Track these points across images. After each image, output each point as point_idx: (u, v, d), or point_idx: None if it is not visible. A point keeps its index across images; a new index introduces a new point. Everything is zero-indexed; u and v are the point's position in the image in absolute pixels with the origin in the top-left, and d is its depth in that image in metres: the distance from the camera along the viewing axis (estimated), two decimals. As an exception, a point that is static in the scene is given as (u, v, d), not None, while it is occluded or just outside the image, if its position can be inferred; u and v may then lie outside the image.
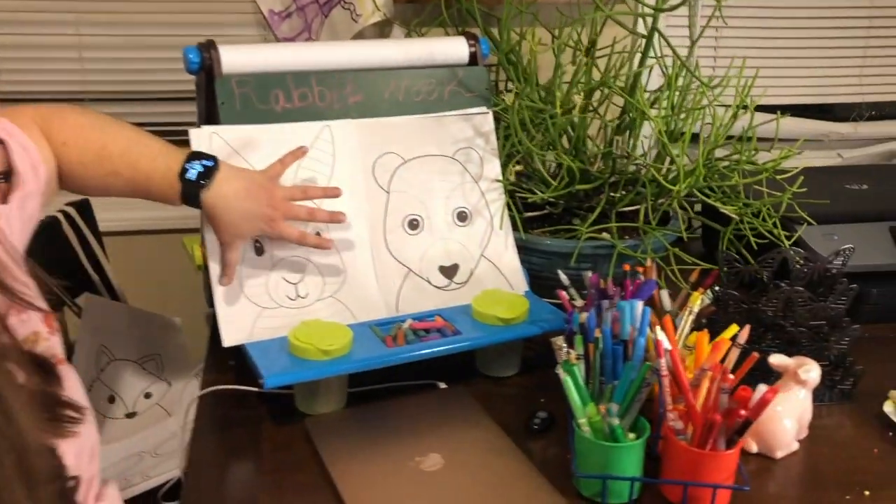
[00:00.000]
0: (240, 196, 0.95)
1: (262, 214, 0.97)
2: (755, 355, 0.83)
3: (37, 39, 1.48)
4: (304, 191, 1.02)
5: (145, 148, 0.93)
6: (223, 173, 0.94)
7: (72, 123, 0.91)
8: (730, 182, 1.16)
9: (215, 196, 0.94)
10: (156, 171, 0.92)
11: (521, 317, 1.04)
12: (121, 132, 0.93)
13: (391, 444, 0.90)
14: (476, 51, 1.18)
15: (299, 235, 1.00)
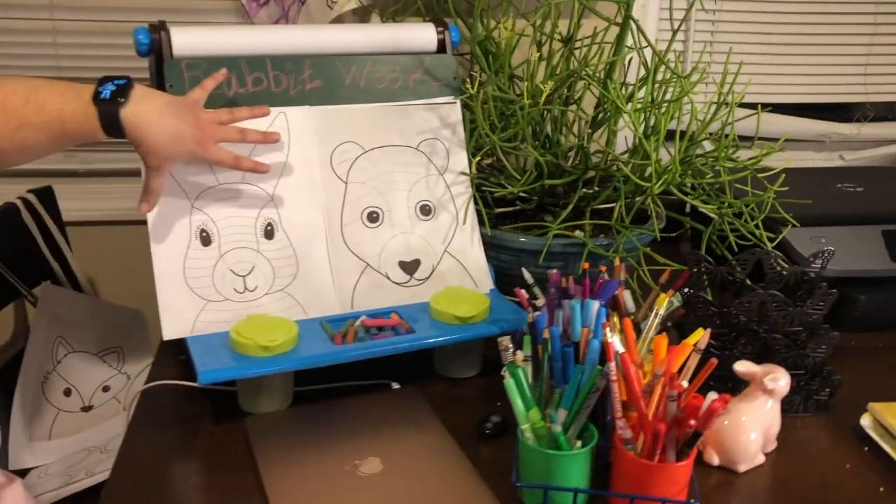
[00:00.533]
0: (164, 111, 0.89)
1: (191, 135, 0.92)
2: (713, 361, 0.77)
3: (11, 24, 1.45)
4: (231, 112, 0.98)
5: (49, 89, 0.87)
6: (140, 91, 0.89)
7: None
8: (707, 180, 1.10)
9: (135, 114, 0.87)
10: (67, 104, 0.86)
11: (480, 316, 0.99)
12: (18, 82, 0.87)
13: (330, 447, 0.86)
14: (445, 38, 1.13)
15: (233, 158, 0.96)
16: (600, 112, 1.16)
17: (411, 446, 0.86)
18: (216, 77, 0.97)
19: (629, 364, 0.77)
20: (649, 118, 1.14)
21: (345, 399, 0.95)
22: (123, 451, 0.87)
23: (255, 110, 0.99)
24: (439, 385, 1.01)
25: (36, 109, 0.85)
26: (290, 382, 0.95)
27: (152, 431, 0.91)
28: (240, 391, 0.94)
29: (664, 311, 0.94)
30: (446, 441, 0.87)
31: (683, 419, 0.71)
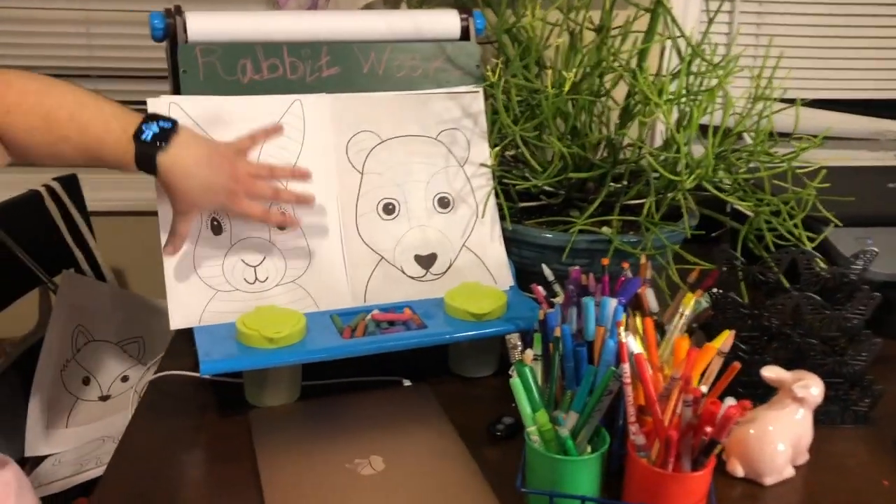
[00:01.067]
0: (200, 163, 0.89)
1: (224, 187, 0.91)
2: (735, 365, 0.72)
3: (45, 13, 1.47)
4: (272, 170, 0.96)
5: (97, 111, 0.87)
6: (182, 137, 0.88)
7: (17, 89, 0.86)
8: (742, 175, 1.04)
9: (173, 161, 0.87)
10: (109, 133, 0.86)
11: (496, 313, 0.95)
12: (70, 95, 0.87)
13: (333, 443, 0.83)
14: (469, 25, 1.09)
15: (262, 212, 0.94)
16: (630, 102, 1.10)
17: (416, 446, 0.83)
18: (269, 131, 0.97)
19: (644, 366, 0.72)
20: (682, 110, 1.08)
21: (354, 395, 0.92)
22: (125, 440, 0.86)
23: (297, 172, 0.98)
24: (453, 384, 0.98)
25: (79, 129, 0.85)
26: (298, 376, 0.92)
27: (156, 421, 0.89)
28: (246, 383, 0.92)
29: (690, 311, 0.89)
30: (454, 442, 0.84)
31: (699, 426, 0.66)
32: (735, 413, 0.64)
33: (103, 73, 1.51)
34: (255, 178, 0.93)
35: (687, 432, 0.67)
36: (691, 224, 1.11)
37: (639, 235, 1.08)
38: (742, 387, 0.87)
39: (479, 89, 1.09)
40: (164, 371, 0.97)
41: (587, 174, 1.08)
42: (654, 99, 1.00)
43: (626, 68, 1.06)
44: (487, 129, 1.08)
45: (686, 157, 1.01)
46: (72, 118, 0.86)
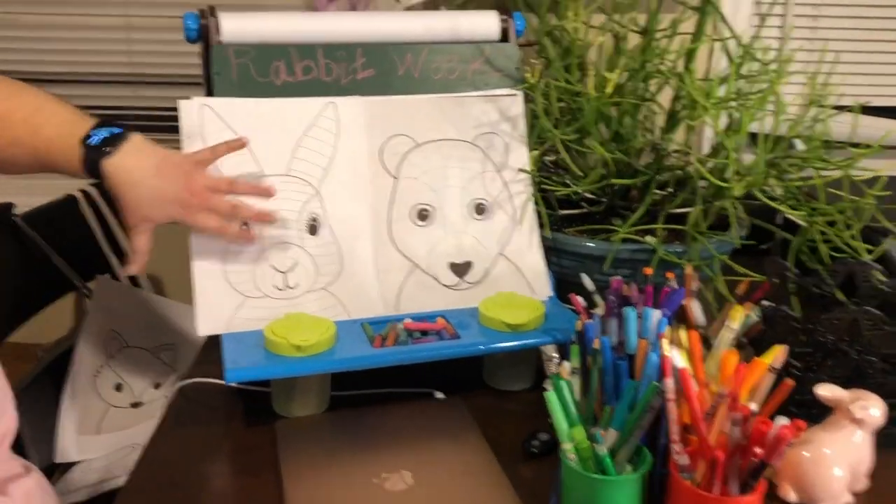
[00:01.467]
0: (147, 172, 0.85)
1: (177, 198, 0.87)
2: (788, 383, 0.67)
3: (87, 20, 1.48)
4: (231, 183, 0.91)
5: (52, 115, 0.85)
6: (132, 144, 0.85)
7: None
8: (795, 182, 0.99)
9: (117, 166, 0.84)
10: (59, 137, 0.84)
11: (533, 324, 0.91)
12: (31, 98, 0.86)
13: (360, 456, 0.79)
14: (508, 26, 1.06)
15: (218, 227, 0.89)
16: (677, 106, 1.06)
17: (447, 461, 0.79)
18: (232, 145, 0.92)
19: (689, 381, 0.67)
20: (732, 114, 1.03)
21: (384, 406, 0.89)
22: (149, 448, 0.84)
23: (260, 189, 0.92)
24: (487, 397, 0.94)
25: (31, 131, 0.84)
26: (327, 386, 0.90)
27: (182, 430, 0.87)
28: (273, 393, 0.89)
29: (739, 325, 0.84)
30: (486, 458, 0.80)
31: (747, 447, 0.62)
32: (788, 434, 0.59)
33: (143, 79, 1.52)
34: (212, 192, 0.89)
35: (735, 453, 0.62)
36: (740, 234, 1.06)
37: (684, 245, 1.03)
38: (794, 406, 0.82)
39: (519, 92, 1.05)
40: (193, 378, 0.95)
41: (631, 181, 1.03)
42: (702, 102, 0.96)
43: (672, 71, 1.01)
44: (526, 134, 1.05)
45: (735, 164, 0.96)
46: (26, 121, 0.84)
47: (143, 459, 0.82)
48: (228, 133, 0.94)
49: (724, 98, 0.99)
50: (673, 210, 1.09)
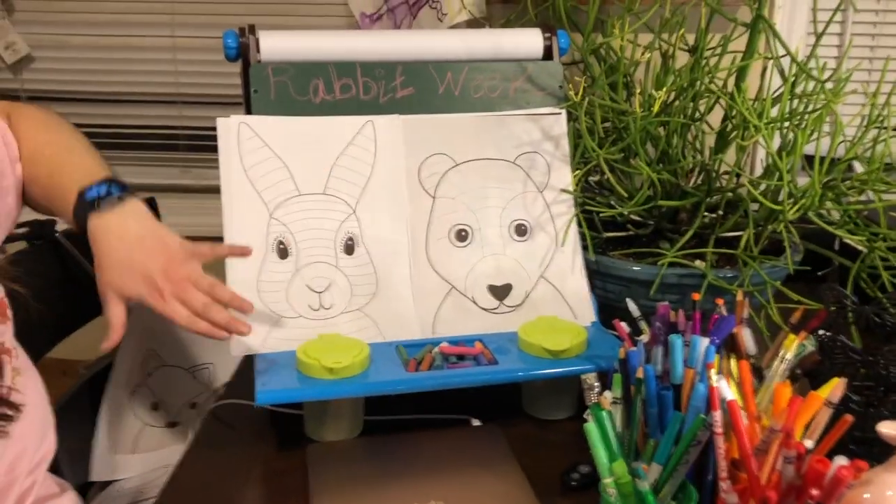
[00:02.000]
0: (127, 239, 0.80)
1: (148, 276, 0.79)
2: (847, 418, 0.63)
3: (135, 41, 1.50)
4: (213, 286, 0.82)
5: (77, 159, 0.84)
6: (126, 209, 0.81)
7: (27, 120, 0.85)
8: (854, 206, 0.94)
9: (100, 226, 0.80)
10: (70, 182, 0.81)
11: (574, 350, 0.88)
12: (65, 137, 0.85)
13: (391, 484, 0.77)
14: (552, 44, 1.03)
15: (187, 320, 0.81)
16: (727, 126, 1.02)
17: (481, 492, 0.76)
18: (234, 250, 0.89)
19: (738, 414, 0.63)
20: (786, 135, 0.99)
21: (418, 433, 0.86)
22: (179, 470, 0.82)
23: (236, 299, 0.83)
24: (526, 426, 0.91)
25: (49, 172, 0.83)
26: (360, 410, 0.87)
27: (212, 452, 0.86)
28: (306, 416, 0.87)
29: (793, 355, 0.79)
30: (522, 489, 0.76)
31: (803, 487, 0.57)
32: (847, 475, 0.54)
33: (189, 99, 1.53)
34: (189, 285, 0.81)
35: (789, 494, 0.58)
36: (795, 259, 1.01)
37: (735, 270, 0.99)
38: (854, 443, 0.77)
39: (562, 111, 1.02)
40: (226, 399, 0.93)
41: (679, 202, 1.00)
42: (753, 121, 0.92)
43: (722, 90, 0.97)
44: (570, 153, 1.02)
45: (789, 185, 0.92)
46: (51, 159, 0.83)
47: (172, 480, 0.80)
48: (265, 151, 0.93)
49: (776, 118, 0.95)
50: (723, 234, 1.04)
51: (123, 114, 1.55)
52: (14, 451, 0.69)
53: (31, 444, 0.72)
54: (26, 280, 0.88)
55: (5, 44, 1.50)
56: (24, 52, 1.51)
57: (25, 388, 0.71)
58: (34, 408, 0.73)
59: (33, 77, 1.55)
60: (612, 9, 1.18)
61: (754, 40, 0.96)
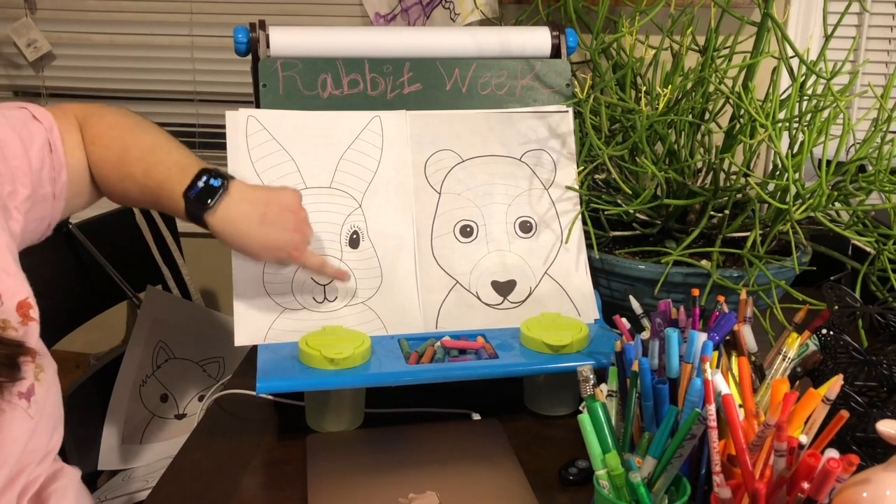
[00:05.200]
0: (252, 222, 0.84)
1: (288, 242, 0.86)
2: (843, 414, 0.62)
3: (154, 40, 1.52)
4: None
5: (165, 155, 0.85)
6: (234, 195, 0.84)
7: (108, 122, 0.87)
8: (861, 207, 0.93)
9: (221, 220, 0.83)
10: (168, 181, 0.84)
11: (575, 346, 0.88)
12: (148, 136, 0.87)
13: (389, 475, 0.77)
14: (560, 42, 1.04)
15: (320, 263, 0.90)
16: (735, 126, 1.01)
17: (477, 485, 0.76)
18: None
19: (733, 408, 0.63)
20: (794, 135, 0.98)
21: (419, 425, 0.87)
22: (179, 458, 0.83)
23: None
24: (526, 421, 0.91)
25: (144, 171, 0.84)
26: (361, 402, 0.88)
27: (214, 441, 0.86)
28: (307, 407, 0.88)
29: (795, 354, 0.79)
30: (519, 483, 0.76)
31: (794, 481, 0.57)
32: (835, 468, 0.54)
33: (206, 97, 1.55)
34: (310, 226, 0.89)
35: (779, 487, 0.57)
36: (802, 260, 1.00)
37: (742, 270, 0.98)
38: (857, 444, 0.76)
39: (569, 109, 1.02)
40: (231, 389, 0.94)
41: (685, 202, 0.99)
42: (761, 120, 0.91)
43: (729, 90, 0.97)
44: (576, 152, 1.02)
45: (797, 185, 0.91)
46: (142, 159, 0.85)
47: (171, 468, 0.81)
48: (273, 144, 0.94)
49: (785, 118, 0.94)
50: (731, 234, 1.04)
51: (141, 111, 1.55)
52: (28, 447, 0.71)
53: (43, 439, 0.73)
54: (39, 271, 0.90)
55: (27, 41, 1.53)
56: (45, 49, 1.54)
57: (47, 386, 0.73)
58: (52, 405, 0.74)
59: (54, 74, 1.58)
60: (623, 9, 1.18)
61: (762, 40, 0.96)
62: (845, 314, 0.82)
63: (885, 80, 1.43)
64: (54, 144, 0.82)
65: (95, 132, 0.85)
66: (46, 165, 0.80)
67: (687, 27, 1.05)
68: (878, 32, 1.43)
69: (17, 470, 0.70)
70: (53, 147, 0.82)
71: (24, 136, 0.78)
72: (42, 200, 0.80)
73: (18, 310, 0.71)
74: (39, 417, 0.72)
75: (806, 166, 0.95)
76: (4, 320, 0.70)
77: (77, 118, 0.86)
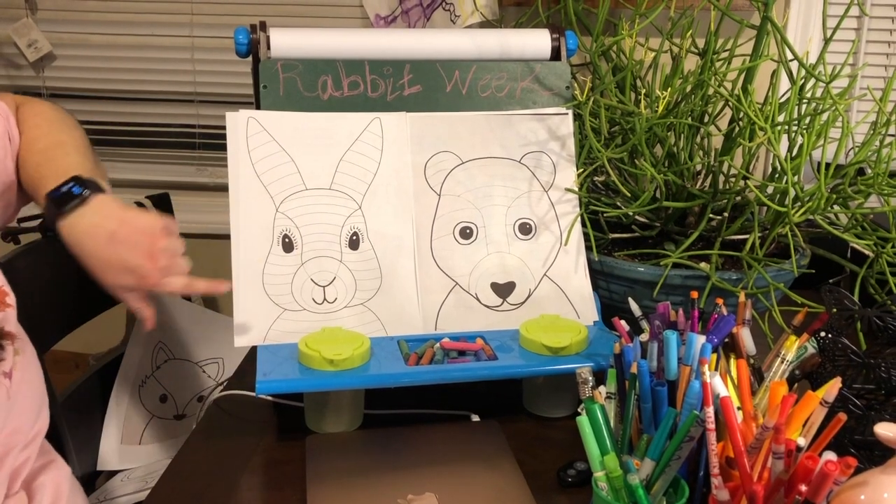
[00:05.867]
0: (100, 238, 0.79)
1: (134, 269, 0.80)
2: (841, 416, 0.62)
3: (155, 40, 1.52)
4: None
5: (63, 156, 0.84)
6: (91, 207, 0.80)
7: (35, 110, 0.88)
8: (860, 210, 0.93)
9: (70, 229, 0.79)
10: (45, 178, 0.82)
11: (574, 348, 0.88)
12: (60, 134, 0.86)
13: (388, 476, 0.77)
14: (560, 45, 1.04)
15: (185, 285, 0.83)
16: (734, 129, 1.02)
17: (476, 486, 0.76)
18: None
19: (731, 410, 0.63)
20: (793, 138, 0.98)
21: (418, 427, 0.87)
22: (178, 459, 0.83)
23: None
24: (525, 423, 0.91)
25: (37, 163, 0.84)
26: (360, 403, 0.88)
27: (213, 441, 0.87)
28: (306, 408, 0.88)
29: (793, 356, 0.79)
30: (518, 485, 0.76)
31: (791, 483, 0.57)
32: (833, 470, 0.54)
33: (206, 98, 1.55)
34: (173, 255, 0.83)
35: (776, 489, 0.57)
36: (801, 263, 1.00)
37: (740, 273, 0.98)
38: (855, 447, 0.77)
39: (569, 111, 1.03)
40: (231, 390, 0.94)
41: (684, 204, 0.99)
42: (760, 123, 0.91)
43: (729, 92, 0.97)
44: (576, 154, 1.02)
45: (796, 187, 0.91)
46: (42, 151, 0.85)
47: (170, 469, 0.81)
48: (273, 145, 0.94)
49: (784, 121, 0.95)
50: (730, 236, 1.04)
51: (142, 112, 1.57)
52: (10, 427, 0.71)
53: (27, 421, 0.73)
54: (39, 270, 0.90)
55: (28, 41, 1.53)
56: (45, 49, 1.54)
57: (25, 366, 0.73)
58: (30, 385, 0.75)
59: (54, 75, 1.58)
60: (623, 12, 1.19)
61: (761, 43, 0.96)
62: (844, 317, 0.82)
63: (884, 84, 1.43)
64: (11, 133, 0.84)
65: (23, 117, 0.87)
66: (9, 154, 0.82)
67: (687, 30, 1.06)
68: (877, 36, 1.43)
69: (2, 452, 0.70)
70: (11, 136, 0.84)
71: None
72: (8, 188, 0.82)
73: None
74: (16, 397, 0.72)
75: (805, 169, 0.96)
76: None
77: (16, 103, 0.88)
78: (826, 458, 0.55)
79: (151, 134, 1.58)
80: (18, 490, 0.73)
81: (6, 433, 0.71)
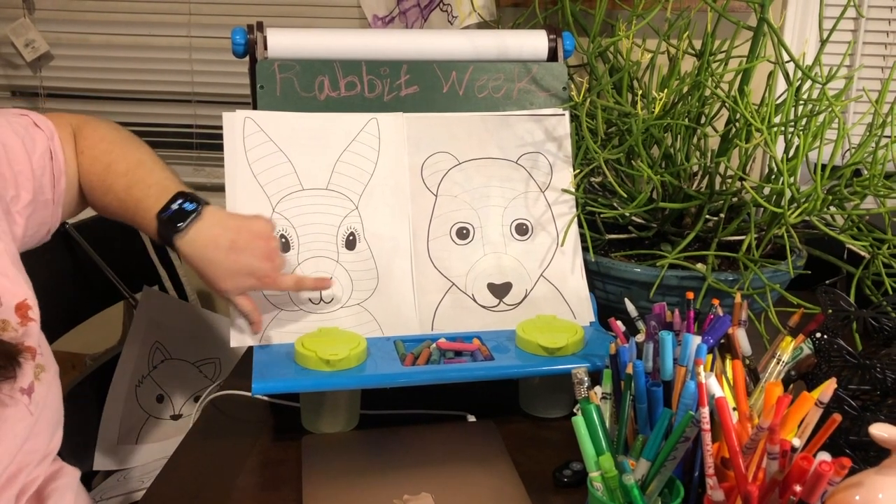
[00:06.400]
0: (221, 248, 0.83)
1: (254, 270, 0.84)
2: (836, 417, 0.62)
3: (152, 41, 1.52)
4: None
5: (148, 173, 0.85)
6: (206, 220, 0.83)
7: (99, 134, 0.88)
8: (856, 211, 0.94)
9: (190, 245, 0.82)
10: (145, 199, 0.84)
11: (570, 348, 0.88)
12: (135, 152, 0.87)
13: (384, 476, 0.77)
14: (557, 46, 1.04)
15: (296, 282, 0.89)
16: (731, 130, 1.02)
17: (472, 486, 0.76)
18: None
19: (726, 410, 0.63)
20: (790, 139, 0.99)
21: (414, 427, 0.87)
22: (174, 459, 0.83)
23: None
24: (521, 423, 0.91)
25: (125, 186, 0.85)
26: (356, 404, 0.88)
27: (209, 441, 0.87)
28: (302, 408, 0.88)
29: (789, 357, 0.79)
30: (514, 485, 0.77)
31: (786, 484, 0.57)
32: (827, 470, 0.54)
33: (204, 98, 1.55)
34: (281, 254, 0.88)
35: (771, 489, 0.57)
36: (797, 264, 1.01)
37: (736, 274, 0.99)
38: (850, 447, 0.77)
39: (565, 112, 1.03)
40: (227, 390, 0.94)
41: (680, 205, 1.00)
42: (756, 124, 0.92)
43: (725, 94, 0.97)
44: (572, 155, 1.02)
45: (792, 189, 0.92)
46: (125, 174, 0.85)
47: (167, 469, 0.81)
48: (270, 146, 0.94)
49: (780, 122, 0.95)
50: (726, 237, 1.04)
51: (139, 111, 1.57)
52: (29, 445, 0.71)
53: (44, 440, 0.74)
54: (36, 272, 0.90)
55: (25, 41, 1.53)
56: (43, 49, 1.54)
57: (48, 384, 0.73)
58: (49, 405, 0.75)
59: (52, 74, 1.58)
60: (620, 13, 1.19)
61: (758, 44, 0.96)
62: (839, 318, 0.82)
63: (880, 85, 1.43)
64: (55, 152, 0.83)
65: (87, 143, 0.86)
66: (47, 172, 0.81)
67: (683, 31, 1.06)
68: (873, 38, 1.43)
69: (16, 469, 0.71)
70: (54, 154, 0.83)
71: (26, 141, 0.79)
72: (43, 206, 0.81)
73: (17, 311, 0.71)
74: (39, 415, 0.72)
75: (801, 170, 0.96)
76: (4, 321, 0.70)
77: (72, 127, 0.87)
78: (821, 459, 0.56)
79: (148, 134, 1.58)
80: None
81: (23, 451, 0.71)
